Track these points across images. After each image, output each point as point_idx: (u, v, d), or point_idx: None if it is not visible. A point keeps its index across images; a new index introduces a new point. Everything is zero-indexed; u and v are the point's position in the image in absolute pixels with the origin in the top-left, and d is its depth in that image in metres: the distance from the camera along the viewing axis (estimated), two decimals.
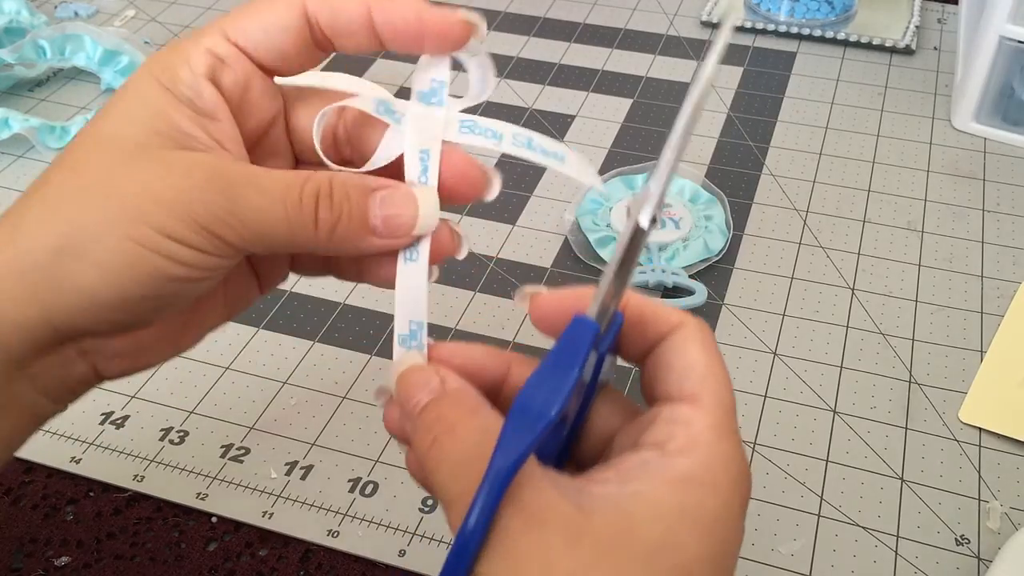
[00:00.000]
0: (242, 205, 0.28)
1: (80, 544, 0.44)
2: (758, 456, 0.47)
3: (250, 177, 0.29)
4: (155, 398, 0.50)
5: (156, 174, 0.28)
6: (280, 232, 0.29)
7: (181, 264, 0.28)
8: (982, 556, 0.43)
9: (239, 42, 0.30)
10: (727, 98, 0.71)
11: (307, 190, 0.29)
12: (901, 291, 0.56)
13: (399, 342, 0.32)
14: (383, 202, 0.30)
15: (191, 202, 0.28)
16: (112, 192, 0.28)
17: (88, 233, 0.27)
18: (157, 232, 0.27)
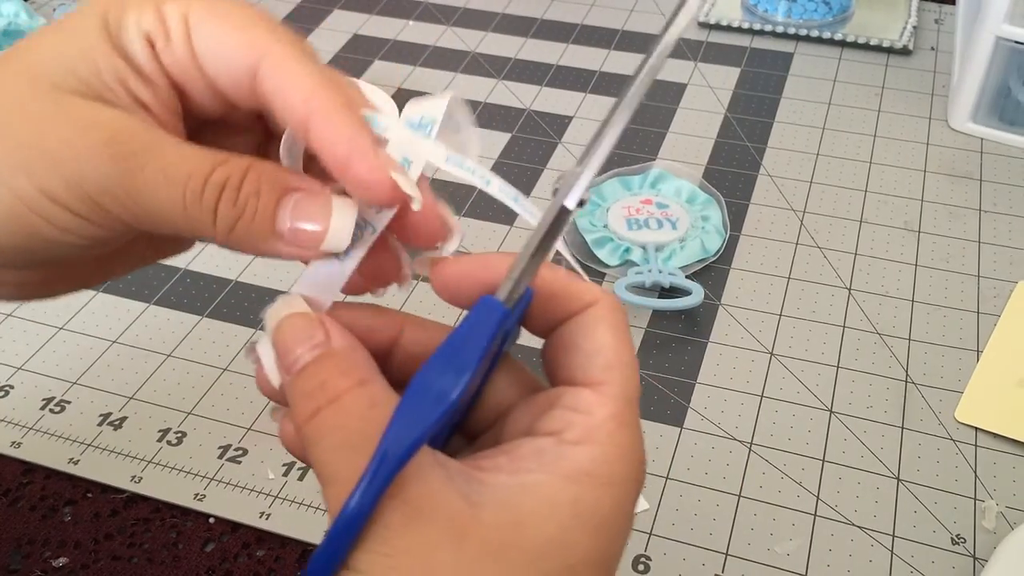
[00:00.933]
0: (137, 181, 0.25)
1: (78, 545, 0.44)
2: (754, 456, 0.47)
3: (156, 149, 0.26)
4: (153, 399, 0.50)
5: (54, 123, 0.25)
6: (175, 218, 0.26)
7: (58, 228, 0.25)
8: (978, 555, 0.43)
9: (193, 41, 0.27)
10: (724, 99, 0.72)
11: (215, 177, 0.26)
12: (898, 291, 0.56)
13: None
14: (296, 207, 0.27)
15: (81, 165, 0.25)
16: (6, 131, 0.25)
17: None
18: (36, 189, 0.25)
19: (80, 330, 0.54)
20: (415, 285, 0.57)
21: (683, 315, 0.54)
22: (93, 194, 0.25)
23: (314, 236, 0.27)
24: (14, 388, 0.51)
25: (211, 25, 0.27)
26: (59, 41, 0.27)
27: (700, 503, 0.45)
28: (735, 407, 0.50)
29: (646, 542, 0.44)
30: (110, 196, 0.25)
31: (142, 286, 0.57)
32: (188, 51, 0.27)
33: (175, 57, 0.27)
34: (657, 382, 0.51)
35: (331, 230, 0.27)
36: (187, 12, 0.27)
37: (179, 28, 0.27)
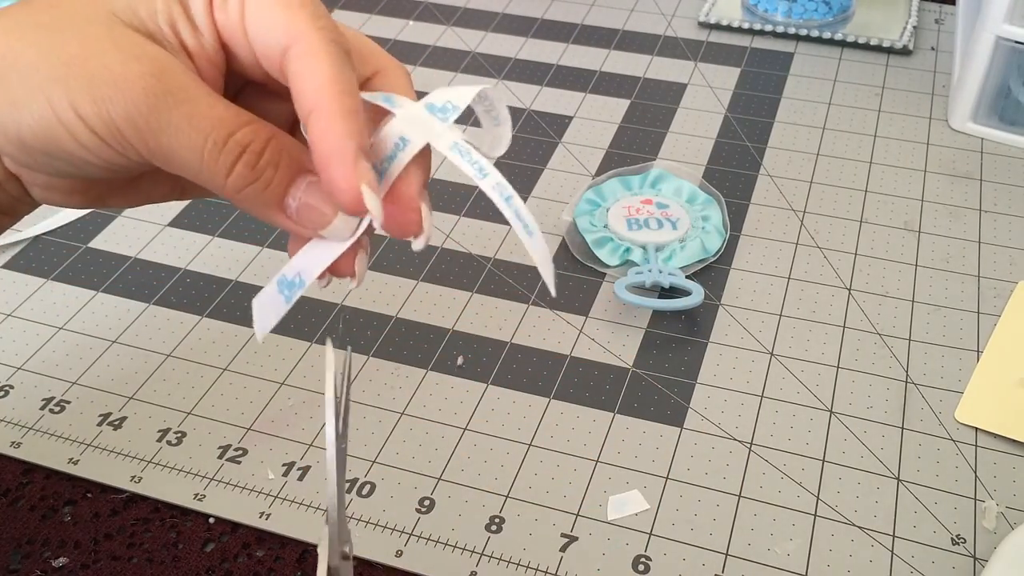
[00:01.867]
0: (162, 118, 0.26)
1: (78, 545, 0.44)
2: (754, 456, 0.47)
3: (189, 93, 0.27)
4: (152, 399, 0.50)
5: (101, 47, 0.26)
6: (190, 163, 0.27)
7: (77, 143, 0.27)
8: (978, 556, 0.43)
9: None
10: (724, 99, 0.72)
11: (239, 136, 0.27)
12: (898, 291, 0.56)
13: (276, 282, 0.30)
14: (308, 188, 0.28)
15: (114, 91, 0.26)
16: (60, 43, 0.27)
17: (20, 66, 0.26)
18: (68, 102, 0.26)
19: (80, 330, 0.54)
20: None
21: (683, 315, 0.54)
22: (117, 120, 0.26)
23: (319, 220, 0.28)
24: (14, 388, 0.51)
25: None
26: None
27: (700, 503, 0.45)
28: (735, 407, 0.50)
29: (646, 542, 0.44)
30: (133, 126, 0.26)
31: (142, 286, 0.57)
32: (239, 15, 0.29)
33: (227, 17, 0.29)
34: (657, 382, 0.51)
35: (335, 222, 0.28)
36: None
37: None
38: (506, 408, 0.50)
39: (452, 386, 0.51)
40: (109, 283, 0.57)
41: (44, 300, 0.56)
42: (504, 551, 0.43)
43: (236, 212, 0.62)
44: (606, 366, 0.52)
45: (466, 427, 0.49)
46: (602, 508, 0.45)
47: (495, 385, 0.51)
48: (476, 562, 0.43)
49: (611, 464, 0.47)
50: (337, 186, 0.27)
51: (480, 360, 0.52)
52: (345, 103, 0.27)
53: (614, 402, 0.50)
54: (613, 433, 0.48)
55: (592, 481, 0.46)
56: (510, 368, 0.52)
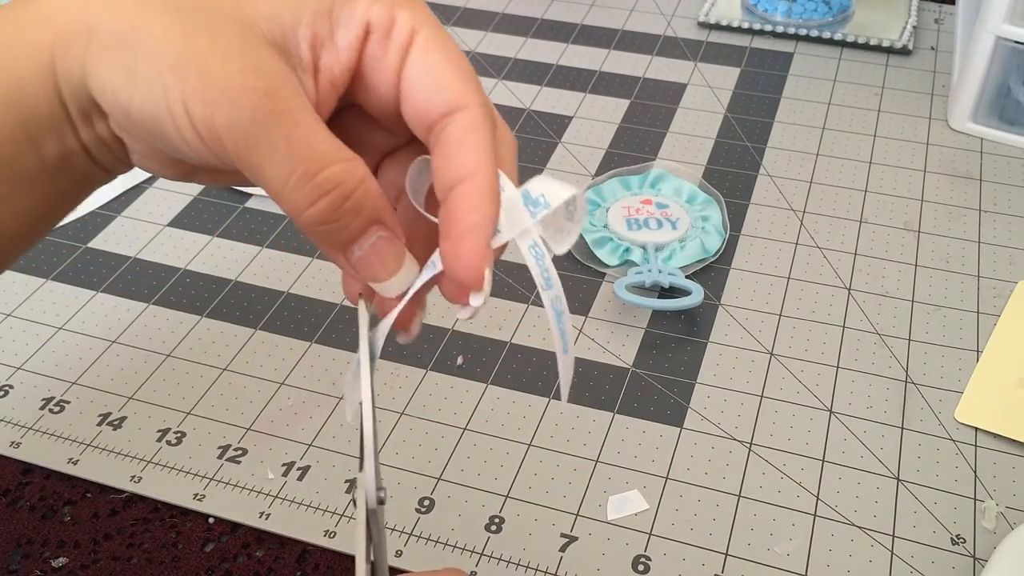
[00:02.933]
0: (261, 137, 0.27)
1: (77, 545, 0.44)
2: (754, 456, 0.47)
3: (295, 119, 0.27)
4: (152, 399, 0.50)
5: (227, 51, 0.27)
6: (274, 185, 0.27)
7: (176, 133, 0.27)
8: (978, 556, 0.43)
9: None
10: (724, 99, 0.72)
11: (331, 172, 0.27)
12: (898, 291, 0.56)
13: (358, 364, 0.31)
14: (376, 243, 0.29)
15: (223, 97, 0.26)
16: (190, 33, 0.27)
17: (147, 45, 0.27)
18: (179, 93, 0.26)
19: (80, 330, 0.54)
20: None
21: (683, 315, 0.54)
22: (219, 127, 0.26)
23: (374, 275, 0.29)
24: (14, 388, 0.51)
25: (436, 55, 0.29)
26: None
27: (700, 503, 0.45)
28: (735, 407, 0.50)
29: (646, 542, 0.44)
30: (232, 136, 0.26)
31: (142, 286, 0.57)
32: (397, 59, 0.29)
33: (380, 56, 0.29)
34: (657, 382, 0.51)
35: (392, 279, 0.29)
36: (417, 28, 0.29)
37: (402, 36, 0.29)
38: (506, 408, 0.50)
39: (452, 386, 0.51)
40: (109, 283, 0.57)
41: (44, 300, 0.56)
42: (504, 551, 0.43)
43: (236, 212, 0.62)
44: (606, 366, 0.52)
45: (466, 427, 0.49)
46: (602, 508, 0.45)
47: (495, 385, 0.51)
48: (476, 562, 0.43)
49: (611, 464, 0.47)
50: (466, 260, 0.28)
51: (480, 360, 0.52)
52: (494, 185, 0.28)
53: (614, 402, 0.50)
54: (613, 433, 0.48)
55: (592, 481, 0.46)
56: (510, 368, 0.52)
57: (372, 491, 0.28)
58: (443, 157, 0.29)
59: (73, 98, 0.28)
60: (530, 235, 0.29)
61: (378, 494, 0.28)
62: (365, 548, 0.28)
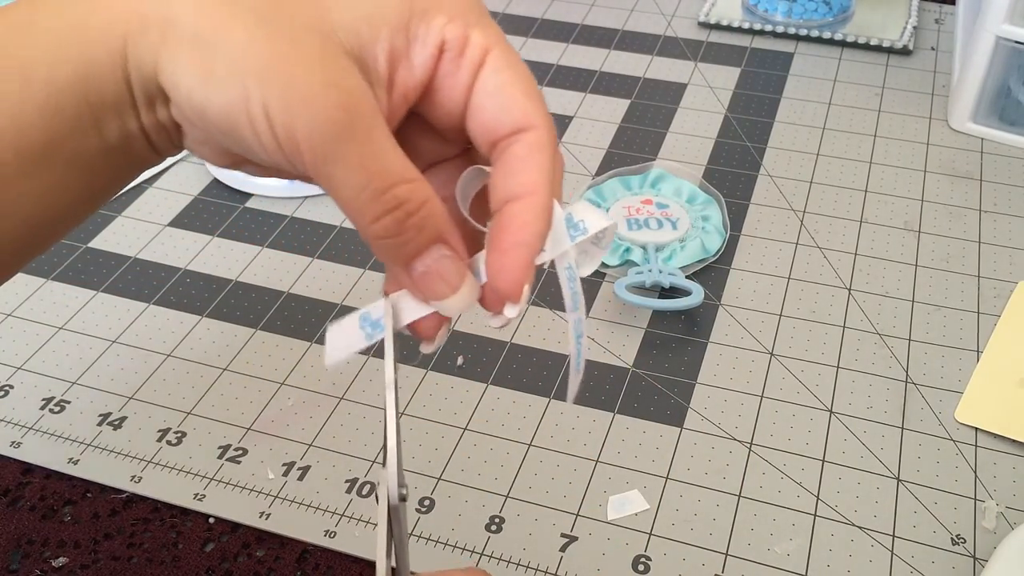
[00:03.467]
0: (338, 151, 0.27)
1: (77, 545, 0.44)
2: (754, 456, 0.47)
3: (370, 136, 0.28)
4: (152, 399, 0.50)
5: (308, 63, 0.27)
6: (344, 197, 0.28)
7: (251, 135, 0.27)
8: (978, 556, 0.43)
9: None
10: (724, 99, 0.72)
11: (399, 191, 0.28)
12: (898, 291, 0.56)
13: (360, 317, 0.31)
14: (438, 260, 0.29)
15: (303, 109, 0.27)
16: (273, 40, 0.27)
17: (228, 46, 0.27)
18: (261, 100, 0.27)
19: (80, 330, 0.54)
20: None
21: (683, 315, 0.54)
22: (299, 136, 0.27)
23: (437, 292, 0.30)
24: (14, 388, 0.51)
25: (507, 75, 0.30)
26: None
27: (700, 503, 0.45)
28: (735, 407, 0.50)
29: (646, 542, 0.44)
30: (308, 146, 0.27)
31: (142, 286, 0.57)
32: (469, 77, 0.30)
33: (452, 72, 0.30)
34: (657, 382, 0.51)
35: (454, 297, 0.30)
36: (489, 48, 0.30)
37: (475, 55, 0.30)
38: (506, 408, 0.50)
39: (452, 386, 0.51)
40: (109, 283, 0.57)
41: (44, 300, 0.56)
42: (504, 551, 0.43)
43: (236, 212, 0.62)
44: (606, 366, 0.52)
45: (466, 427, 0.49)
46: (602, 508, 0.45)
47: (495, 385, 0.51)
48: (476, 562, 0.43)
49: (611, 464, 0.47)
50: (509, 273, 0.29)
51: (480, 360, 0.52)
52: (548, 206, 0.30)
53: (614, 402, 0.50)
54: (613, 433, 0.48)
55: (592, 481, 0.46)
56: (510, 368, 0.52)
57: (394, 487, 0.28)
58: (504, 172, 0.30)
59: (141, 84, 0.28)
60: (568, 257, 0.30)
61: (400, 491, 0.28)
62: (386, 545, 0.29)
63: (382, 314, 0.31)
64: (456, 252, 0.30)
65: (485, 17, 0.30)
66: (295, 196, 0.63)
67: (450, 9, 0.30)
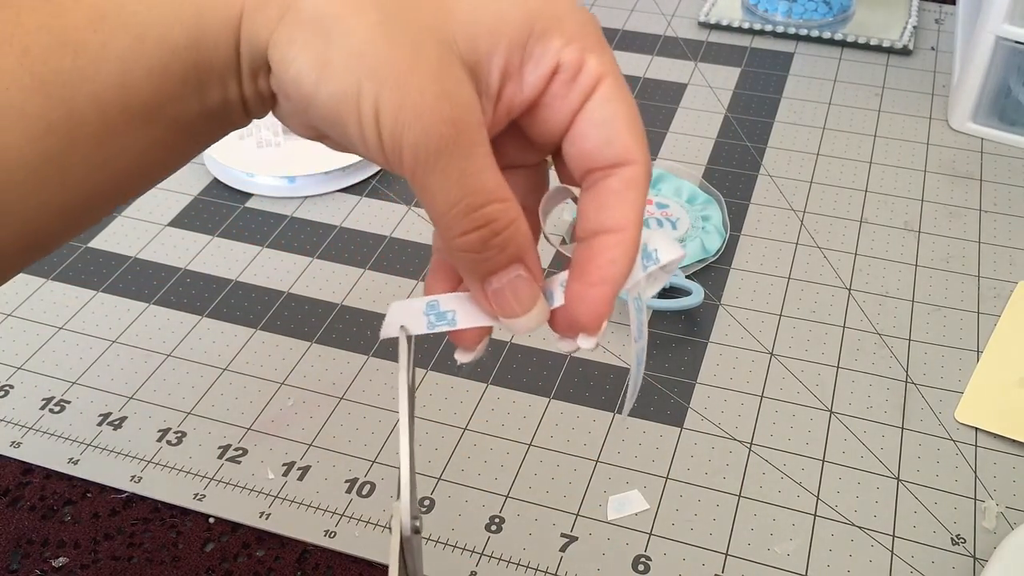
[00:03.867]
0: (440, 164, 0.27)
1: (77, 545, 0.44)
2: (754, 456, 0.47)
3: (472, 152, 0.28)
4: (152, 399, 0.50)
5: (427, 68, 0.27)
6: (436, 208, 0.28)
7: (359, 134, 0.27)
8: (978, 556, 0.43)
9: None
10: (724, 99, 0.72)
11: (489, 210, 0.28)
12: (898, 291, 0.56)
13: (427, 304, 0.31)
14: (513, 281, 0.30)
15: (414, 119, 0.27)
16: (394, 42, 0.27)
17: (348, 41, 0.27)
18: (374, 102, 0.27)
19: (80, 330, 0.54)
20: None
21: (683, 315, 0.54)
22: (404, 144, 0.27)
23: (509, 310, 0.30)
24: (14, 388, 0.51)
25: (614, 106, 0.30)
26: (486, 4, 0.29)
27: (700, 503, 0.45)
28: (735, 407, 0.50)
29: (646, 542, 0.44)
30: (412, 155, 0.27)
31: (142, 286, 0.57)
32: (577, 103, 0.30)
33: (562, 95, 0.30)
34: (657, 382, 0.51)
35: (524, 317, 0.30)
36: (603, 77, 0.29)
37: (587, 82, 0.29)
38: (506, 408, 0.50)
39: (452, 386, 0.51)
40: (109, 283, 0.57)
41: (44, 300, 0.56)
42: (504, 551, 0.43)
43: (236, 212, 0.62)
44: (606, 366, 0.52)
45: (466, 427, 0.49)
46: (602, 508, 0.45)
47: (495, 385, 0.51)
48: (476, 562, 0.43)
49: (611, 464, 0.47)
50: (592, 307, 0.29)
51: (480, 360, 0.52)
52: (637, 245, 0.30)
53: (614, 402, 0.50)
54: (613, 433, 0.48)
55: (592, 481, 0.46)
56: (510, 368, 0.52)
57: (407, 520, 0.28)
58: (597, 204, 0.30)
59: (249, 56, 0.28)
60: (639, 287, 0.30)
61: (413, 523, 0.28)
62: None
63: (452, 308, 0.31)
64: (533, 274, 0.30)
65: (602, 43, 0.30)
66: (295, 196, 0.63)
67: (570, 32, 0.29)
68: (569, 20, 0.29)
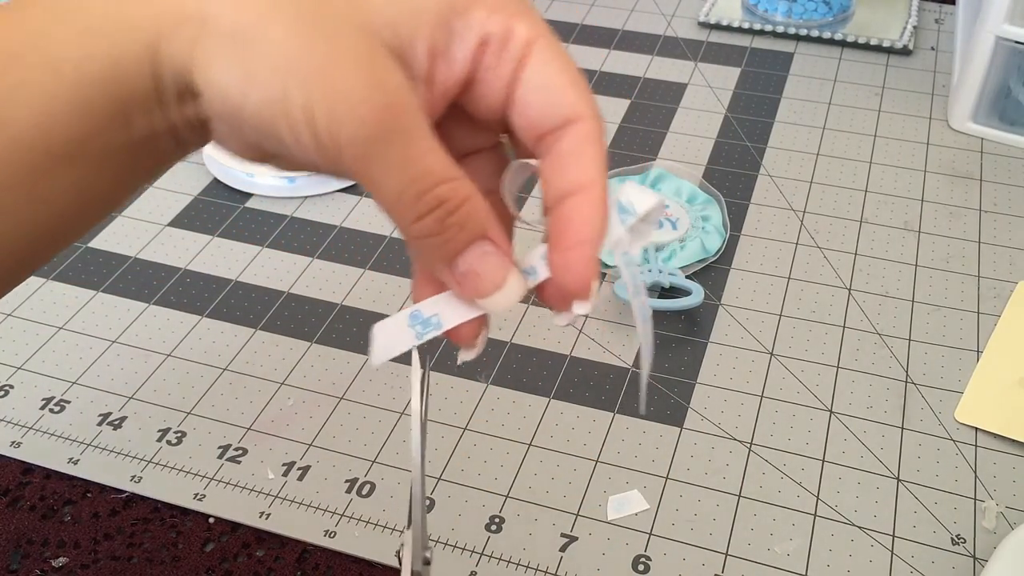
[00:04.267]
0: (381, 153, 0.27)
1: (77, 545, 0.44)
2: (754, 456, 0.47)
3: (413, 136, 0.27)
4: (152, 399, 0.50)
5: (354, 64, 0.27)
6: (386, 198, 0.28)
7: (294, 139, 0.27)
8: (978, 556, 0.43)
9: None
10: (724, 99, 0.72)
11: (440, 191, 0.28)
12: (898, 291, 0.56)
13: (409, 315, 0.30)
14: (481, 256, 0.29)
15: (349, 112, 0.26)
16: (315, 39, 0.27)
17: (268, 46, 0.27)
18: (303, 103, 0.26)
19: (80, 330, 0.54)
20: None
21: (683, 315, 0.54)
22: (342, 139, 0.27)
23: (480, 288, 0.29)
24: (14, 388, 0.51)
25: (552, 67, 0.29)
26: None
27: (700, 503, 0.45)
28: (735, 407, 0.50)
29: (646, 542, 0.44)
30: (351, 149, 0.27)
31: (142, 286, 0.57)
32: (512, 71, 0.29)
33: (494, 66, 0.29)
34: (657, 382, 0.51)
35: (500, 293, 0.29)
36: (533, 39, 0.29)
37: (518, 48, 0.29)
38: (506, 408, 0.50)
39: (452, 386, 0.51)
40: (109, 283, 0.57)
41: (44, 300, 0.56)
42: (504, 551, 0.43)
43: (236, 212, 0.62)
44: (606, 366, 0.52)
45: (466, 427, 0.49)
46: (602, 508, 0.45)
47: (495, 385, 0.51)
48: (476, 562, 0.43)
49: (611, 464, 0.47)
50: (577, 271, 0.28)
51: (480, 360, 0.52)
52: (606, 199, 0.29)
53: (614, 402, 0.50)
54: (613, 433, 0.48)
55: (592, 481, 0.46)
56: (510, 368, 0.52)
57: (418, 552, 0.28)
58: (557, 167, 0.29)
59: (172, 81, 0.28)
60: (623, 244, 0.29)
61: (424, 555, 0.28)
62: None
63: (435, 312, 0.30)
64: (499, 247, 0.29)
65: (527, 7, 0.30)
66: (295, 196, 0.63)
67: (491, 3, 0.29)
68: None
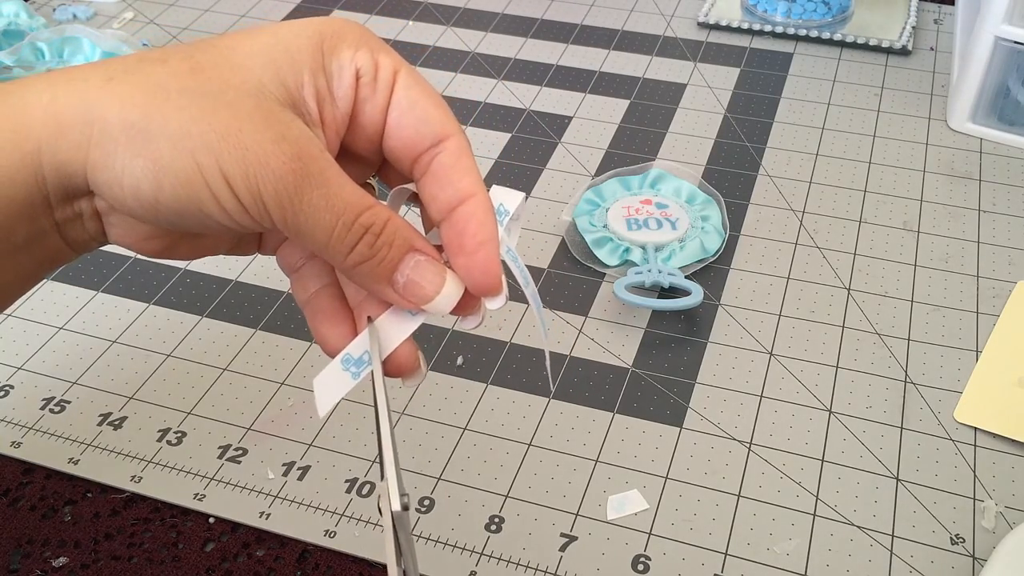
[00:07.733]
0: (304, 200, 0.28)
1: (78, 545, 0.44)
2: (754, 456, 0.47)
3: (327, 176, 0.29)
4: (152, 399, 0.50)
5: (252, 123, 0.28)
6: (319, 240, 0.29)
7: (218, 206, 0.28)
8: (977, 555, 0.43)
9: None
10: (724, 99, 0.72)
11: (363, 219, 0.30)
12: (897, 291, 0.56)
13: (341, 361, 0.32)
14: (416, 266, 0.31)
15: (266, 169, 0.28)
16: (210, 111, 0.28)
17: (169, 129, 0.27)
18: (219, 172, 0.27)
19: (80, 330, 0.54)
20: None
21: (683, 315, 0.55)
22: (265, 195, 0.28)
23: (424, 295, 0.31)
24: (14, 388, 0.51)
25: (417, 91, 0.32)
26: (272, 46, 0.30)
27: (700, 503, 0.45)
28: (735, 407, 0.50)
29: (646, 542, 0.44)
30: (277, 203, 0.28)
31: (142, 286, 0.57)
32: (385, 99, 0.32)
33: (369, 97, 0.32)
34: (657, 382, 0.51)
35: (441, 295, 0.31)
36: (398, 69, 0.32)
37: (387, 78, 0.31)
38: (506, 408, 0.50)
39: (452, 386, 0.51)
40: (109, 283, 0.57)
41: (44, 300, 0.56)
42: (504, 551, 0.43)
43: None
44: (606, 366, 0.52)
45: (466, 427, 0.49)
46: (602, 508, 0.45)
47: (495, 385, 0.51)
48: (476, 562, 0.43)
49: (611, 464, 0.47)
50: (487, 268, 0.31)
51: (480, 360, 0.52)
52: (491, 202, 0.32)
53: (614, 402, 0.50)
54: (613, 433, 0.48)
55: (592, 481, 0.46)
56: (510, 368, 0.52)
57: (396, 497, 0.29)
58: (438, 182, 0.32)
59: (58, 185, 0.29)
60: (504, 242, 0.32)
61: (402, 499, 0.29)
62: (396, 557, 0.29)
63: (364, 349, 0.32)
64: (429, 254, 0.31)
65: (384, 44, 0.32)
66: None
67: (355, 40, 0.31)
68: (349, 31, 0.31)
